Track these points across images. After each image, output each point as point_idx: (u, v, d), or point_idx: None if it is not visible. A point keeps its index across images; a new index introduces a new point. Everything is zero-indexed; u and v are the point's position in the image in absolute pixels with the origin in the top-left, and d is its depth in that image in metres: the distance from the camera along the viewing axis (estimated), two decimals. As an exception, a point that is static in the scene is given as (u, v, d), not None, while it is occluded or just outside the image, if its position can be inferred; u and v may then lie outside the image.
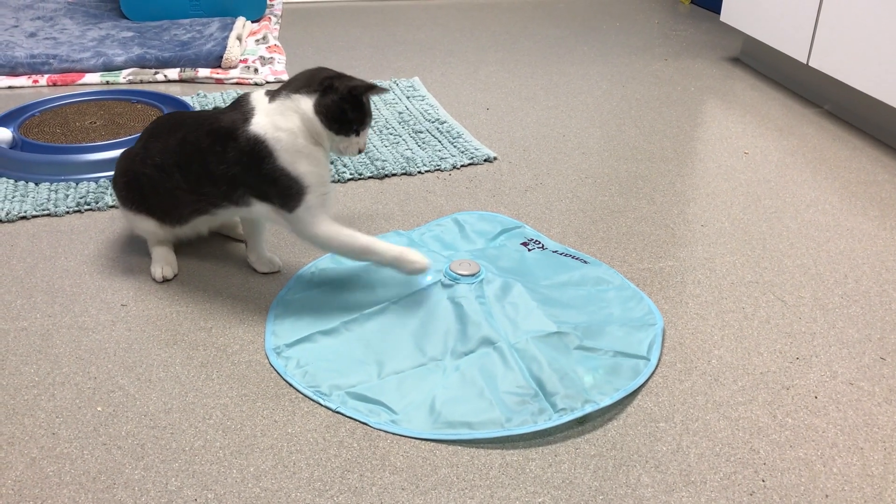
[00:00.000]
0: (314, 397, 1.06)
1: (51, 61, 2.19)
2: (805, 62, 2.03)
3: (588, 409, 1.03)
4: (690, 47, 2.59)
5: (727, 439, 1.01)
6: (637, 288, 1.30)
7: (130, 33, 2.44)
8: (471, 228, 1.45)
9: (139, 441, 0.99)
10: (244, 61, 2.29)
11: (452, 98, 2.10)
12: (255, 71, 2.23)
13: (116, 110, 1.86)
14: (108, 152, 1.63)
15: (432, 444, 0.99)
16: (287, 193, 1.16)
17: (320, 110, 1.16)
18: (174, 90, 2.12)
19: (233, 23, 2.48)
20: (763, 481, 0.95)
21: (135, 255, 1.38)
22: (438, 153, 1.76)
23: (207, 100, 2.02)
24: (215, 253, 1.40)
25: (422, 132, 1.86)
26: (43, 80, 2.16)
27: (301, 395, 1.07)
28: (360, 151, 1.23)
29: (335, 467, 0.96)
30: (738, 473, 0.96)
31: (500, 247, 1.39)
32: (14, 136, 1.71)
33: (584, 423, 1.03)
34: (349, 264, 1.33)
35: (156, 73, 2.20)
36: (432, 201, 1.57)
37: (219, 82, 2.19)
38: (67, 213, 1.51)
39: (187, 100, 1.95)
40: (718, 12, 2.92)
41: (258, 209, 1.20)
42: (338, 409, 1.04)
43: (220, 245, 1.42)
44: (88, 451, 0.97)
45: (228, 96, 2.05)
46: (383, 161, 1.72)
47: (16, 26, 2.48)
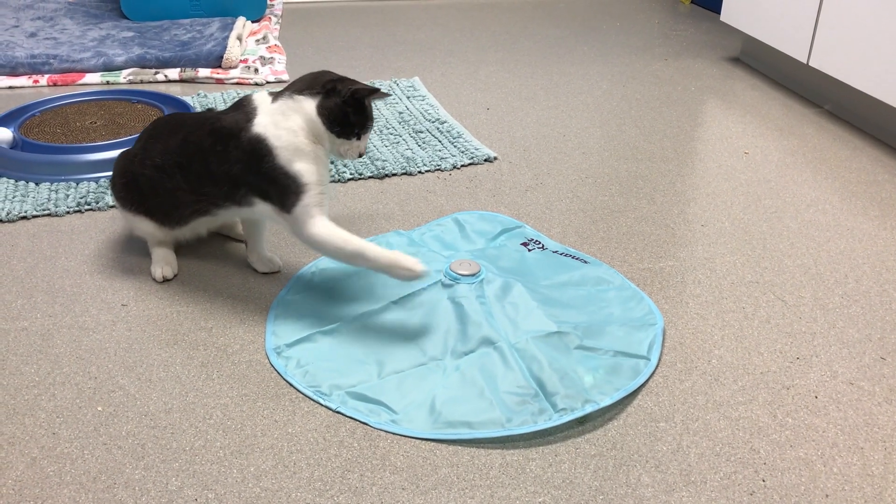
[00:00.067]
0: (314, 397, 1.06)
1: (51, 61, 2.19)
2: (805, 62, 2.03)
3: (588, 408, 1.03)
4: (690, 47, 2.59)
5: (727, 439, 1.01)
6: (637, 288, 1.30)
7: (131, 33, 2.44)
8: (471, 228, 1.45)
9: (139, 441, 0.99)
10: (244, 61, 2.29)
11: (453, 98, 2.10)
12: (256, 71, 2.24)
13: (117, 110, 1.86)
14: (108, 152, 1.63)
15: (432, 443, 1.00)
16: (285, 192, 1.16)
17: (323, 112, 1.17)
18: (174, 90, 2.12)
19: (233, 23, 2.48)
20: (763, 481, 0.95)
21: (135, 255, 1.38)
22: (439, 153, 1.76)
23: (208, 100, 2.02)
24: (215, 253, 1.40)
25: (422, 132, 1.86)
26: (43, 80, 2.16)
27: (301, 395, 1.07)
28: (361, 155, 1.23)
29: (335, 467, 0.96)
30: (738, 473, 0.96)
31: (501, 247, 1.39)
32: (14, 136, 1.71)
33: (584, 423, 1.03)
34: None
35: (156, 73, 2.20)
36: (432, 201, 1.57)
37: (219, 82, 2.20)
38: (68, 213, 1.51)
39: (188, 100, 1.95)
40: (718, 12, 2.92)
41: (261, 209, 1.20)
42: (338, 409, 1.04)
43: (220, 245, 1.42)
44: (89, 451, 0.97)
45: (229, 96, 2.05)
46: (383, 161, 1.72)
47: (16, 26, 2.48)
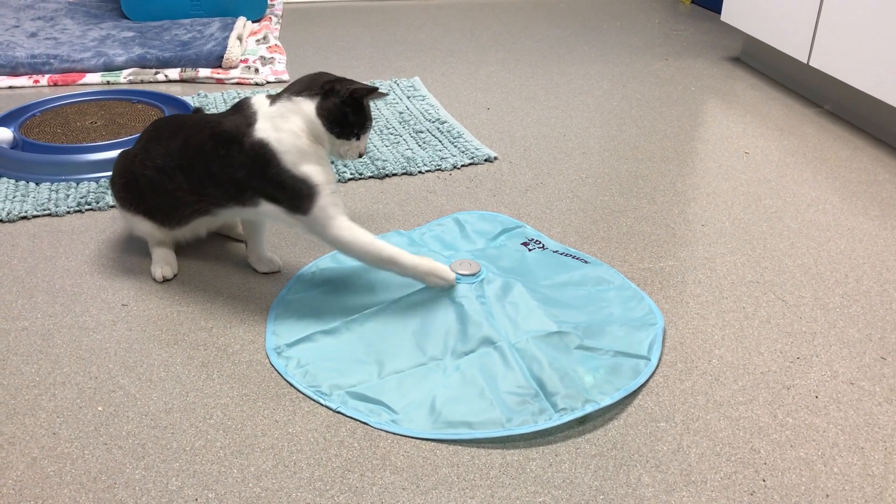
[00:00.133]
0: (315, 397, 1.06)
1: (51, 61, 2.19)
2: (806, 62, 2.03)
3: (588, 408, 1.03)
4: (691, 47, 2.59)
5: (728, 439, 1.01)
6: (637, 288, 1.30)
7: (131, 33, 2.44)
8: (471, 228, 1.45)
9: (140, 441, 0.99)
10: (245, 61, 2.29)
11: (453, 98, 2.10)
12: (256, 71, 2.24)
13: (117, 110, 1.86)
14: (108, 152, 1.63)
15: (433, 443, 1.00)
16: (298, 195, 1.16)
17: (322, 113, 1.17)
18: (175, 90, 2.12)
19: (233, 23, 2.48)
20: (764, 481, 0.95)
21: (135, 255, 1.38)
22: (439, 153, 1.76)
23: (208, 100, 2.02)
24: (215, 253, 1.40)
25: (422, 132, 1.86)
26: (44, 80, 2.16)
27: (302, 395, 1.07)
28: (361, 155, 1.24)
29: (336, 467, 0.96)
30: (738, 473, 0.96)
31: (501, 246, 1.39)
32: (15, 136, 1.71)
33: (584, 423, 1.03)
34: (350, 264, 1.33)
35: (156, 73, 2.20)
36: (433, 201, 1.57)
37: (219, 82, 2.20)
38: (68, 212, 1.51)
39: (188, 100, 1.95)
40: (719, 12, 2.92)
41: (265, 209, 1.20)
42: (338, 409, 1.04)
43: (220, 245, 1.42)
44: (89, 451, 0.97)
45: (229, 96, 2.05)
46: (384, 161, 1.72)
47: (16, 26, 2.49)
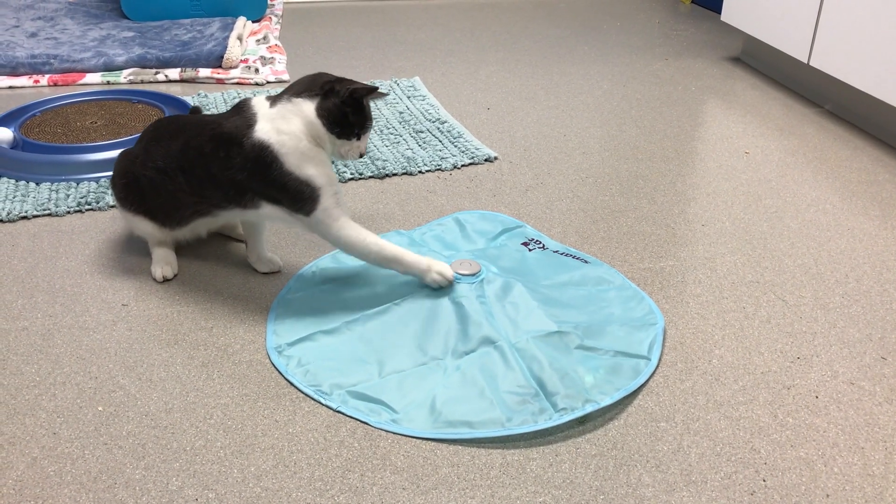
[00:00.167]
0: (315, 396, 1.06)
1: (52, 61, 2.19)
2: (806, 62, 2.03)
3: (589, 408, 1.03)
4: (691, 47, 2.59)
5: (728, 439, 1.01)
6: (638, 287, 1.30)
7: (131, 33, 2.44)
8: (472, 228, 1.45)
9: (140, 441, 0.99)
10: (245, 61, 2.29)
11: (453, 98, 2.10)
12: (256, 71, 2.24)
13: (117, 110, 1.86)
14: (108, 152, 1.63)
15: (433, 443, 1.00)
16: (300, 197, 1.16)
17: (322, 113, 1.17)
18: (175, 90, 2.12)
19: (233, 23, 2.48)
20: (764, 481, 0.95)
21: (135, 255, 1.38)
22: (439, 153, 1.76)
23: (208, 100, 2.02)
24: (216, 253, 1.40)
25: (422, 132, 1.86)
26: (44, 80, 2.16)
27: (302, 395, 1.07)
28: (361, 155, 1.24)
29: (336, 467, 0.96)
30: (738, 473, 0.96)
31: (501, 246, 1.39)
32: (15, 136, 1.71)
33: (584, 423, 1.03)
34: (349, 263, 1.33)
35: (156, 73, 2.20)
36: (433, 201, 1.57)
37: (219, 82, 2.20)
38: (68, 212, 1.51)
39: (188, 100, 1.95)
40: (719, 12, 2.92)
41: (266, 211, 1.20)
42: (339, 409, 1.04)
43: (220, 245, 1.42)
44: (89, 451, 0.97)
45: (229, 96, 2.05)
46: (384, 161, 1.72)
47: (17, 26, 2.49)
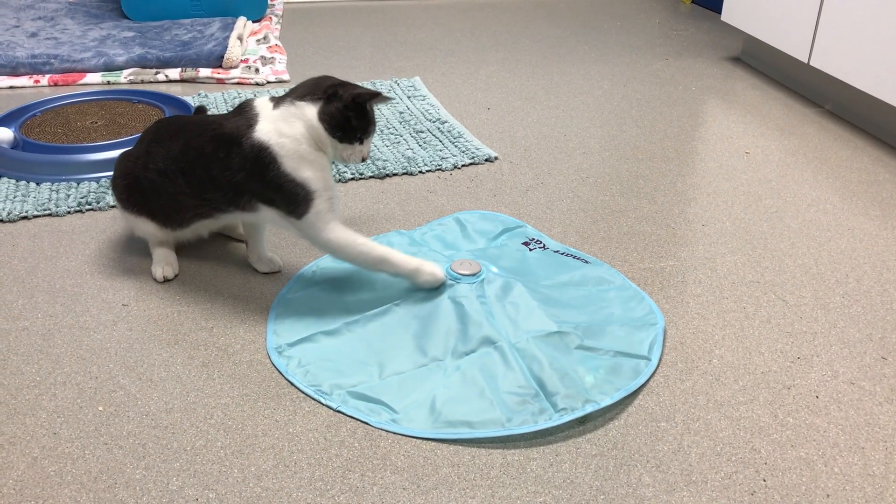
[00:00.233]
0: (315, 396, 1.06)
1: (52, 61, 2.19)
2: (806, 62, 2.03)
3: (589, 408, 1.03)
4: (691, 47, 2.59)
5: (728, 439, 1.01)
6: (638, 288, 1.30)
7: (131, 33, 2.44)
8: (472, 228, 1.45)
9: (140, 441, 0.99)
10: (245, 61, 2.29)
11: (453, 98, 2.10)
12: (256, 71, 2.24)
13: (117, 110, 1.86)
14: (109, 152, 1.63)
15: (433, 443, 1.00)
16: (294, 200, 1.16)
17: (324, 118, 1.16)
18: (175, 90, 2.13)
19: (234, 23, 2.48)
20: (764, 481, 0.95)
21: (136, 255, 1.38)
22: (439, 153, 1.76)
23: (209, 100, 2.02)
24: (216, 253, 1.40)
25: (423, 132, 1.86)
26: (44, 80, 2.16)
27: (302, 395, 1.07)
28: (364, 160, 1.23)
29: (336, 467, 0.96)
30: (739, 473, 0.96)
31: (502, 246, 1.39)
32: (15, 136, 1.71)
33: (585, 423, 1.03)
34: (349, 264, 1.33)
35: (157, 73, 2.20)
36: (433, 201, 1.57)
37: (220, 82, 2.20)
38: (69, 212, 1.51)
39: (188, 100, 1.95)
40: (719, 12, 2.92)
41: (264, 214, 1.20)
42: (339, 409, 1.04)
43: (220, 245, 1.42)
44: (90, 451, 0.97)
45: (230, 96, 2.05)
46: (384, 161, 1.72)
47: (17, 26, 2.49)
